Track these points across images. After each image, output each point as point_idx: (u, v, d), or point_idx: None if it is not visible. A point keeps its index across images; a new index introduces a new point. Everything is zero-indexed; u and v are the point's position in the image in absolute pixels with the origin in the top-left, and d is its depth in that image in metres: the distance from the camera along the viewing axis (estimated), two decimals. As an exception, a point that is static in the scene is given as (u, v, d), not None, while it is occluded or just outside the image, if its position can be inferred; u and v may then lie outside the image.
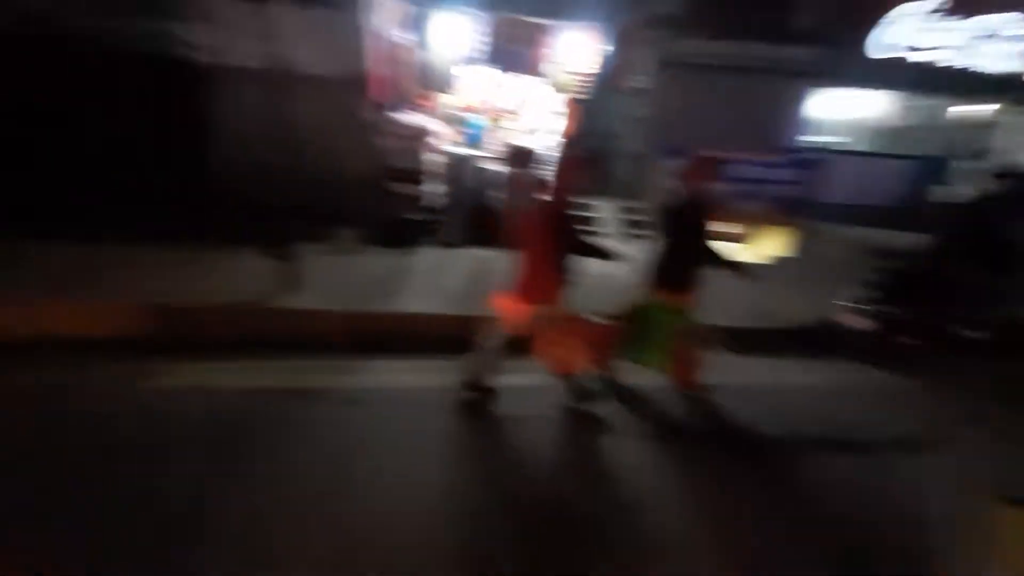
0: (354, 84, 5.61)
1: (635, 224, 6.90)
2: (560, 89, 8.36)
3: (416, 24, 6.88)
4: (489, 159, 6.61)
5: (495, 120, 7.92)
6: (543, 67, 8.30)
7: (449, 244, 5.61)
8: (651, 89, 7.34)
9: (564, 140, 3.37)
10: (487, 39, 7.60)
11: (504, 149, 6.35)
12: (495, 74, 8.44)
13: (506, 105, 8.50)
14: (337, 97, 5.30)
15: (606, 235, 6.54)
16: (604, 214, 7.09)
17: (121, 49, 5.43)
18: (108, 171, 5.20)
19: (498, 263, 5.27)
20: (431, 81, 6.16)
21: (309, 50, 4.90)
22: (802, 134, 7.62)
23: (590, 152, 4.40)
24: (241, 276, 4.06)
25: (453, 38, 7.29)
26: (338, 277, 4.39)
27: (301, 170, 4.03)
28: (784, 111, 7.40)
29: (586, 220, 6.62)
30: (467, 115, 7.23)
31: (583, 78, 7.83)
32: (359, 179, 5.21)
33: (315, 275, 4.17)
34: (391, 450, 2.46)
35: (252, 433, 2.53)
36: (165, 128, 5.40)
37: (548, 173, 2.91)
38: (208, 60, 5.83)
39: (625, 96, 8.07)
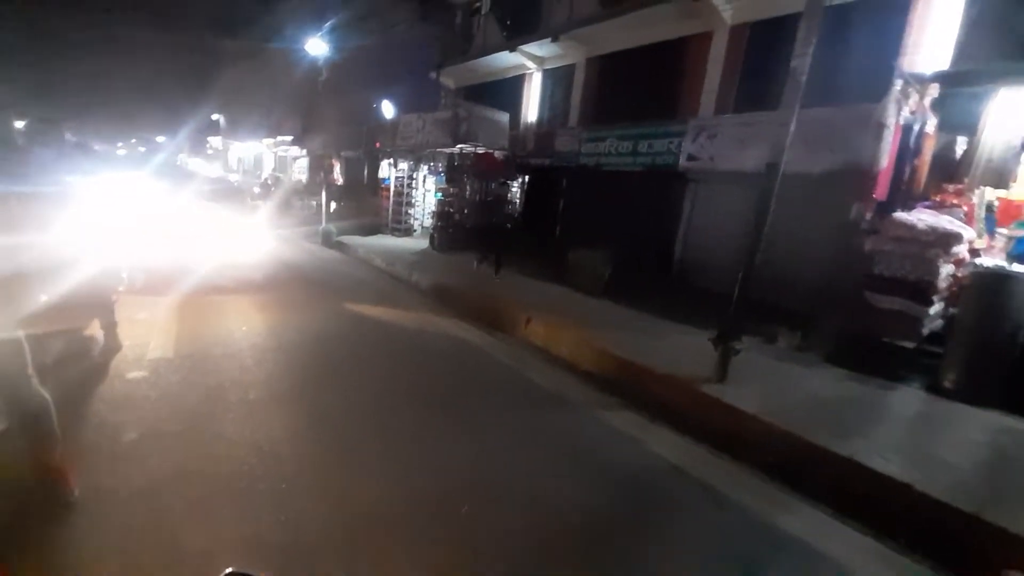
0: (848, 181, 5.03)
1: None
2: None
3: (948, 106, 5.42)
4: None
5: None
6: None
7: (951, 393, 3.86)
8: None
9: None
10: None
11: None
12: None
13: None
14: (824, 195, 4.92)
15: None
16: None
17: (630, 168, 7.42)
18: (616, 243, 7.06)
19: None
20: (972, 174, 4.58)
21: (808, 149, 4.81)
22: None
23: None
24: (685, 353, 4.36)
25: (1011, 116, 5.21)
26: (778, 384, 3.93)
27: (770, 267, 3.93)
28: None
29: None
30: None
31: None
32: (829, 284, 4.53)
33: (752, 373, 3.91)
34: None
35: (653, 505, 2.53)
36: (657, 221, 6.80)
37: None
38: (700, 167, 6.91)
39: None
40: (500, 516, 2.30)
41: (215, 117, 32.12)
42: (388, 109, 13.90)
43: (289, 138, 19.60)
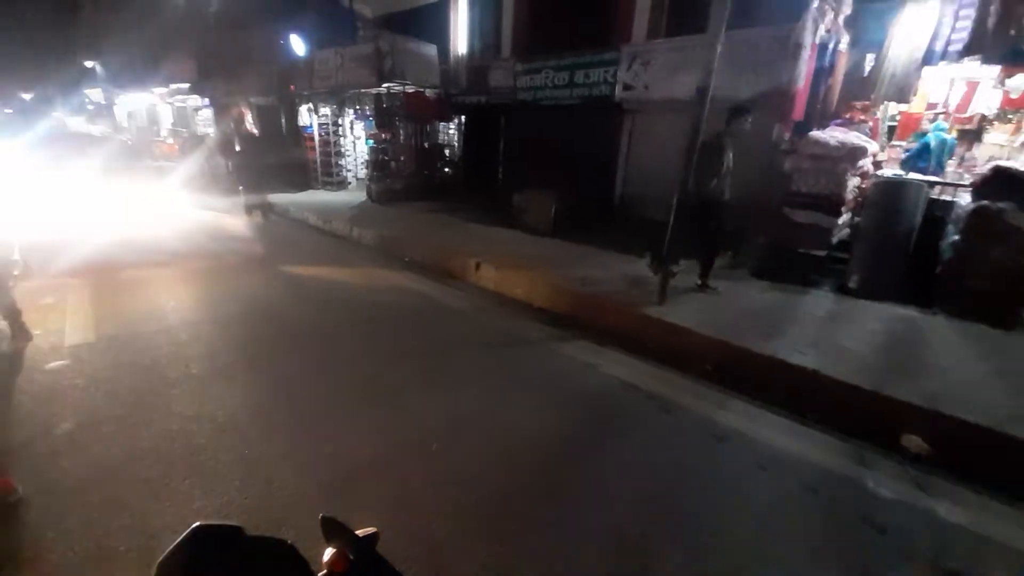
0: (770, 103, 5.25)
1: None
2: None
3: (860, 23, 5.68)
4: (950, 186, 4.77)
5: (971, 133, 5.61)
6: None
7: (855, 292, 4.42)
8: None
9: None
10: (975, 25, 5.38)
11: (983, 173, 4.42)
12: (977, 72, 5.93)
13: (993, 112, 5.85)
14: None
15: None
16: None
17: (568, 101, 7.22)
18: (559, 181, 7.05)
19: (932, 330, 3.77)
20: (877, 90, 4.93)
21: (734, 73, 4.91)
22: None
23: None
24: (629, 281, 4.60)
25: (915, 31, 5.58)
26: (711, 300, 4.29)
27: (697, 193, 4.13)
28: None
29: None
30: (928, 128, 5.43)
31: None
32: (755, 204, 4.86)
33: (689, 293, 4.24)
34: (736, 504, 2.15)
35: (609, 419, 2.79)
36: (597, 155, 6.81)
37: None
38: (635, 96, 6.88)
39: None
40: (471, 449, 2.44)
41: (89, 64, 26.99)
42: (298, 45, 12.34)
43: (185, 86, 17.06)
